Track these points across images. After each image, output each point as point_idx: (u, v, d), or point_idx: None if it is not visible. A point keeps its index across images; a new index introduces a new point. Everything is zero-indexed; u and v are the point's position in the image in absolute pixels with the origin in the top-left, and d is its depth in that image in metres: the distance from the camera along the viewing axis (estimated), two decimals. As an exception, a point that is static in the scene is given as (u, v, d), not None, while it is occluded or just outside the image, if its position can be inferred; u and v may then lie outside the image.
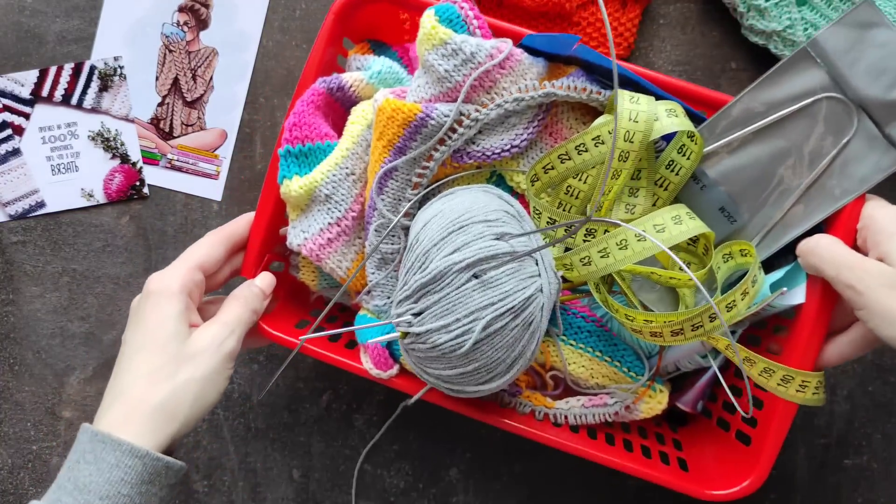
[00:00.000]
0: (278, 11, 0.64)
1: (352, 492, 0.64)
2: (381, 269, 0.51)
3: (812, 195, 0.47)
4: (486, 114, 0.47)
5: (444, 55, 0.46)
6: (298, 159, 0.49)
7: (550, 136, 0.51)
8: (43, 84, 0.64)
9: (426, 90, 0.48)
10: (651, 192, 0.48)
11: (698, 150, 0.47)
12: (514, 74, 0.47)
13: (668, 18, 0.62)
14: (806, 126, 0.46)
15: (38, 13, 0.64)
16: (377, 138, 0.48)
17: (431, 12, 0.46)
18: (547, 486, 0.64)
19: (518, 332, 0.42)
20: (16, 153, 0.64)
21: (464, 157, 0.49)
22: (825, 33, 0.45)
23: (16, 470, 0.65)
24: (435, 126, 0.47)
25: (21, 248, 0.65)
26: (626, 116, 0.43)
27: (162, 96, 0.64)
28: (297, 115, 0.48)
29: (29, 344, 0.65)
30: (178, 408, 0.43)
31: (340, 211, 0.50)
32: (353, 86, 0.51)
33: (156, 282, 0.46)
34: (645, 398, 0.52)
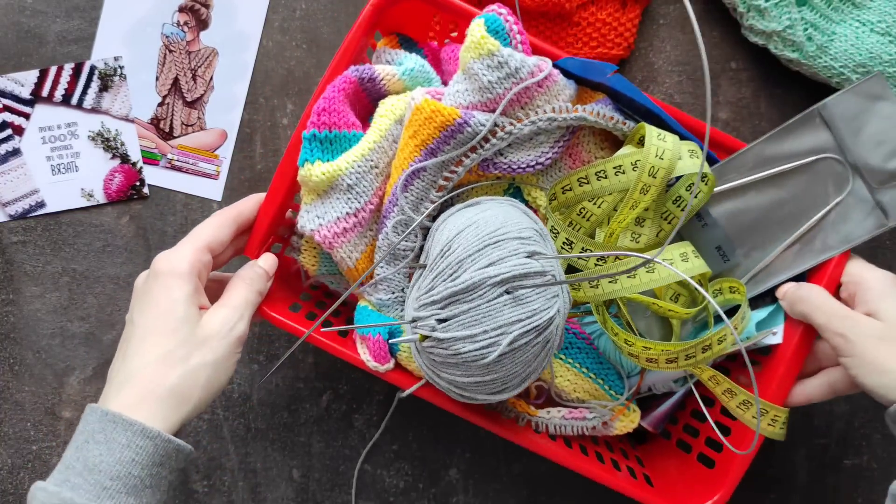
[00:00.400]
0: (278, 11, 0.64)
1: (351, 492, 0.64)
2: (390, 265, 0.51)
3: (801, 246, 0.51)
4: (520, 129, 0.48)
5: (489, 66, 0.46)
6: (323, 144, 0.48)
7: (570, 158, 0.52)
8: (43, 84, 0.64)
9: (465, 97, 0.48)
10: (657, 224, 0.50)
11: (708, 190, 0.49)
12: (549, 94, 0.48)
13: (668, 18, 0.62)
14: (806, 181, 0.50)
15: (38, 13, 0.64)
16: (410, 136, 0.48)
17: (481, 21, 0.47)
18: (546, 486, 0.64)
19: (537, 350, 0.44)
20: (16, 153, 0.64)
21: (490, 167, 0.50)
22: (836, 99, 0.49)
23: (16, 470, 0.65)
24: (470, 133, 0.48)
25: (21, 248, 0.65)
26: (654, 153, 0.45)
27: (162, 96, 0.64)
28: (326, 101, 0.48)
29: (29, 344, 0.65)
30: (191, 391, 0.43)
31: (360, 202, 0.49)
32: (385, 79, 0.51)
33: (164, 262, 0.45)
34: (620, 416, 0.54)
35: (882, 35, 0.55)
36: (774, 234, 0.51)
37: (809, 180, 0.50)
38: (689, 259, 0.48)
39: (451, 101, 0.49)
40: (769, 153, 0.50)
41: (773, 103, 0.62)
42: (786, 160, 0.50)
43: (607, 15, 0.60)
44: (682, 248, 0.48)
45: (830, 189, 0.50)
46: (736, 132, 0.62)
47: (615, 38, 0.60)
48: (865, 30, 0.56)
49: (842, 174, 0.49)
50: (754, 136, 0.62)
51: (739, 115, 0.62)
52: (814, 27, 0.56)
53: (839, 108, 0.49)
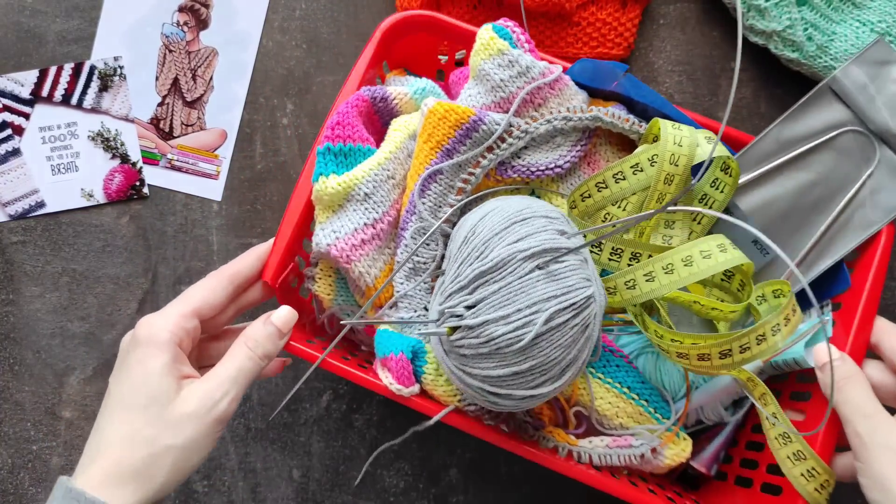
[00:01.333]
0: (278, 11, 0.64)
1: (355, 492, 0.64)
2: (410, 280, 0.49)
3: (840, 226, 0.48)
4: (536, 127, 0.48)
5: (500, 65, 0.47)
6: (337, 158, 0.48)
7: (588, 165, 0.52)
8: (43, 84, 0.64)
9: (478, 99, 0.48)
10: (687, 225, 0.48)
11: (732, 182, 0.47)
12: (562, 97, 0.49)
13: (668, 18, 0.62)
14: (831, 159, 0.48)
15: (38, 13, 0.64)
16: (425, 140, 0.48)
17: (489, 27, 0.47)
18: (547, 486, 0.64)
19: (576, 333, 0.41)
20: (16, 153, 0.64)
21: (508, 170, 0.49)
22: (844, 71, 0.47)
23: (16, 470, 0.65)
24: (485, 132, 0.47)
25: (21, 248, 0.65)
26: (671, 141, 0.44)
27: (162, 96, 0.64)
28: (340, 115, 0.48)
29: (29, 344, 0.65)
30: (155, 475, 0.40)
31: (378, 213, 0.48)
32: (397, 99, 0.51)
33: (145, 327, 0.43)
34: (670, 444, 0.49)
35: (882, 35, 0.55)
36: (810, 219, 0.49)
37: (835, 157, 0.48)
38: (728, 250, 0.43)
39: (465, 105, 0.49)
40: (787, 135, 0.48)
41: (773, 103, 0.62)
42: (805, 140, 0.48)
43: (607, 15, 0.60)
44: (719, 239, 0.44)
45: (858, 162, 0.47)
46: (736, 132, 0.62)
47: (615, 38, 0.60)
48: (865, 30, 0.56)
49: (866, 145, 0.47)
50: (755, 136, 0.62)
51: (739, 115, 0.62)
52: (814, 27, 0.56)
53: (849, 79, 0.47)
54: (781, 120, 0.49)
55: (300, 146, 0.64)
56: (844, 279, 0.49)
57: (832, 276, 0.49)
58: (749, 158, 0.49)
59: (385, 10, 0.63)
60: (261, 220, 0.64)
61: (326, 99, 0.64)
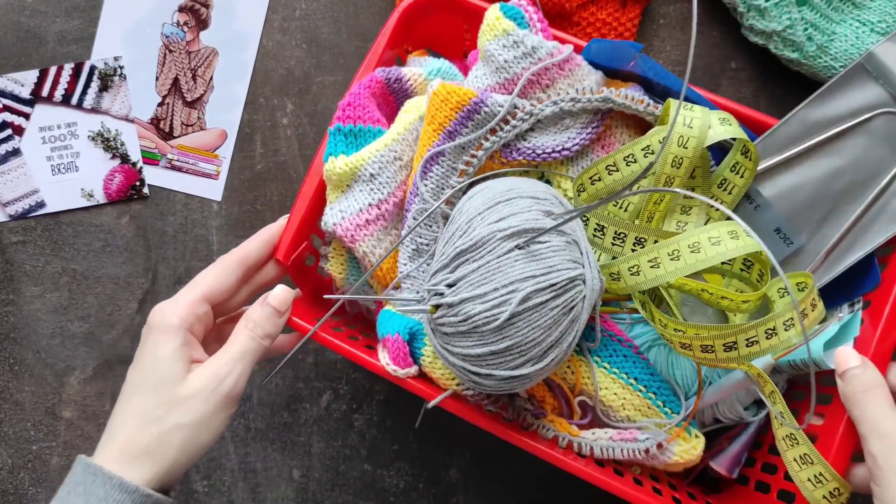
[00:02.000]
0: (278, 11, 0.64)
1: (355, 492, 0.64)
2: (413, 261, 0.49)
3: (872, 215, 0.44)
4: (542, 109, 0.46)
5: (504, 45, 0.46)
6: (347, 139, 0.48)
7: (602, 148, 0.50)
8: (43, 84, 0.64)
9: (483, 80, 0.48)
10: (704, 210, 0.46)
11: (752, 167, 0.45)
12: (573, 77, 0.47)
13: (668, 18, 0.62)
14: (863, 143, 0.44)
15: (38, 13, 0.64)
16: (428, 122, 0.47)
17: (496, 6, 0.46)
18: (547, 486, 0.64)
19: (558, 315, 0.39)
20: (16, 153, 0.64)
21: (513, 152, 0.48)
22: (881, 48, 0.44)
23: (16, 470, 0.65)
24: (488, 114, 0.46)
25: (21, 248, 0.65)
26: (680, 122, 0.42)
27: (162, 96, 0.64)
28: (352, 96, 0.48)
29: (29, 344, 0.65)
30: (166, 452, 0.42)
31: (383, 193, 0.48)
32: (411, 79, 0.50)
33: (157, 314, 0.44)
34: (679, 440, 0.47)
35: (882, 35, 0.55)
36: (840, 207, 0.45)
37: (867, 142, 0.44)
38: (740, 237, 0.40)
39: (470, 86, 0.48)
40: (815, 118, 0.45)
41: (773, 103, 0.62)
42: (835, 123, 0.44)
43: (607, 15, 0.60)
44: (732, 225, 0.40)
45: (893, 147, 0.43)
46: (736, 132, 0.62)
47: (615, 38, 0.60)
48: (865, 30, 0.56)
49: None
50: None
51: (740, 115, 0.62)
52: (814, 27, 0.56)
53: (886, 56, 0.43)
54: (809, 101, 0.45)
55: (300, 146, 0.64)
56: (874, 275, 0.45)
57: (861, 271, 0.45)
58: (773, 142, 0.46)
59: (385, 9, 0.63)
60: (261, 220, 0.64)
61: (326, 99, 0.64)
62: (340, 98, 0.64)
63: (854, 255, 0.45)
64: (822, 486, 0.41)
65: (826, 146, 0.45)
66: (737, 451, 0.49)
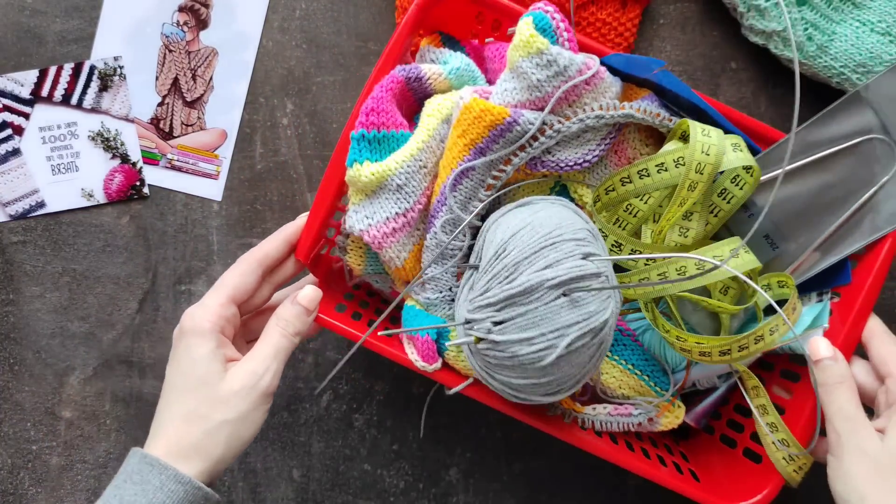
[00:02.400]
0: (278, 11, 0.64)
1: (354, 492, 0.64)
2: (438, 264, 0.51)
3: (849, 228, 0.50)
4: (569, 127, 0.48)
5: (538, 65, 0.46)
6: (371, 145, 0.48)
7: (616, 155, 0.52)
8: (43, 84, 0.64)
9: (513, 95, 0.48)
10: (704, 217, 0.50)
11: (753, 182, 0.49)
12: (596, 91, 0.48)
13: (668, 18, 0.62)
14: (852, 164, 0.49)
15: (38, 13, 0.64)
16: (459, 135, 0.48)
17: (530, 20, 0.47)
18: (547, 486, 0.64)
19: (592, 351, 0.44)
20: (16, 153, 0.64)
21: (538, 165, 0.50)
22: (881, 79, 0.48)
23: (16, 470, 0.65)
24: (519, 132, 0.48)
25: (21, 248, 0.65)
26: (699, 149, 0.45)
27: (162, 96, 0.64)
28: (375, 101, 0.48)
29: (29, 344, 0.65)
30: (213, 448, 0.44)
31: (409, 202, 0.49)
32: (431, 78, 0.51)
33: (189, 319, 0.46)
34: (666, 412, 0.54)
35: (882, 35, 0.55)
36: (822, 219, 0.50)
37: (855, 162, 0.49)
38: (740, 255, 0.48)
39: (500, 100, 0.49)
40: (813, 139, 0.49)
41: (773, 103, 0.62)
42: (830, 144, 0.49)
43: (607, 15, 0.60)
44: (732, 243, 0.48)
45: (877, 169, 0.49)
46: (736, 132, 0.62)
47: (615, 37, 0.60)
48: (865, 30, 0.56)
49: (888, 154, 0.48)
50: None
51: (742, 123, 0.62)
52: (814, 27, 0.56)
53: (884, 88, 0.48)
54: (810, 123, 0.49)
55: (300, 146, 0.64)
56: (846, 273, 0.51)
57: (835, 269, 0.51)
58: (773, 157, 0.50)
59: (385, 9, 0.63)
60: (261, 219, 0.64)
61: (326, 99, 0.64)
62: (340, 98, 0.64)
63: (828, 261, 0.50)
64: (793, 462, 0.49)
65: (820, 164, 0.50)
66: (706, 408, 0.57)
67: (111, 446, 0.65)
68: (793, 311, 0.48)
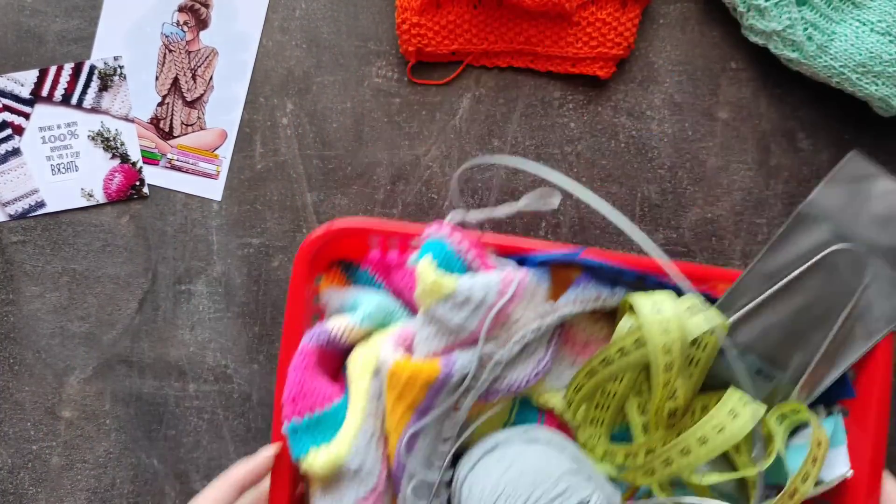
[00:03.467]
0: (278, 11, 0.64)
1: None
2: None
3: (841, 340, 0.48)
4: (510, 351, 0.45)
5: (453, 307, 0.43)
6: (309, 430, 0.45)
7: (568, 345, 0.49)
8: (43, 84, 0.64)
9: (438, 341, 0.45)
10: (686, 370, 0.47)
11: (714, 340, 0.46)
12: (525, 300, 0.45)
13: (668, 18, 0.62)
14: (822, 279, 0.47)
15: (38, 13, 0.64)
16: (396, 399, 0.45)
17: (428, 260, 0.43)
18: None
19: None
20: (16, 153, 0.64)
21: (490, 396, 0.46)
22: (820, 194, 0.47)
23: (16, 470, 0.65)
24: (458, 379, 0.44)
25: (21, 248, 0.65)
26: (657, 330, 0.42)
27: (162, 96, 0.64)
28: (294, 386, 0.45)
29: (29, 344, 0.65)
30: None
31: (371, 483, 0.46)
32: (345, 334, 0.47)
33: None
34: None
35: (882, 35, 0.55)
36: (811, 339, 0.48)
37: (826, 277, 0.47)
38: (739, 414, 0.43)
39: (425, 350, 0.45)
40: (771, 268, 0.48)
41: (773, 103, 0.62)
42: (791, 267, 0.48)
43: (607, 15, 0.60)
44: (729, 403, 0.44)
45: (849, 277, 0.47)
46: (736, 132, 0.62)
47: (615, 37, 0.60)
48: (866, 29, 0.56)
49: (856, 260, 0.47)
50: (754, 136, 0.62)
51: (739, 115, 0.62)
52: (814, 27, 0.56)
53: (827, 200, 0.47)
54: (763, 254, 0.48)
55: (300, 146, 0.64)
56: (848, 387, 0.49)
57: (836, 384, 0.49)
58: (735, 296, 0.49)
59: (385, 9, 0.63)
60: (261, 219, 0.64)
61: (326, 99, 0.64)
62: (340, 98, 0.64)
63: (829, 378, 0.48)
64: None
65: (789, 289, 0.48)
66: None
67: (111, 446, 0.65)
68: (818, 446, 0.44)
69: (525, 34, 0.60)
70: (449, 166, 0.63)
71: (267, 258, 0.64)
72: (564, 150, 0.63)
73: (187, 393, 0.64)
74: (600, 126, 0.63)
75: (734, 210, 0.62)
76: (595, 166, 0.63)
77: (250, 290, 0.64)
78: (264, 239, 0.64)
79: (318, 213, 0.64)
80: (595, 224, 0.62)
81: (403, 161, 0.63)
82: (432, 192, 0.63)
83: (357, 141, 0.64)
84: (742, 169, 0.62)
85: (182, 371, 0.64)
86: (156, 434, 0.64)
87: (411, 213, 0.63)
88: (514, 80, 0.63)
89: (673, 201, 0.62)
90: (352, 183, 0.64)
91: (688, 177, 0.62)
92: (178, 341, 0.64)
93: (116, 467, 0.64)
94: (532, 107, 0.63)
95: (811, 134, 0.62)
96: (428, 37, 0.60)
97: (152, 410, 0.64)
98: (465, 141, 0.63)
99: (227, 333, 0.64)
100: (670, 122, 0.62)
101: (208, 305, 0.64)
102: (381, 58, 0.63)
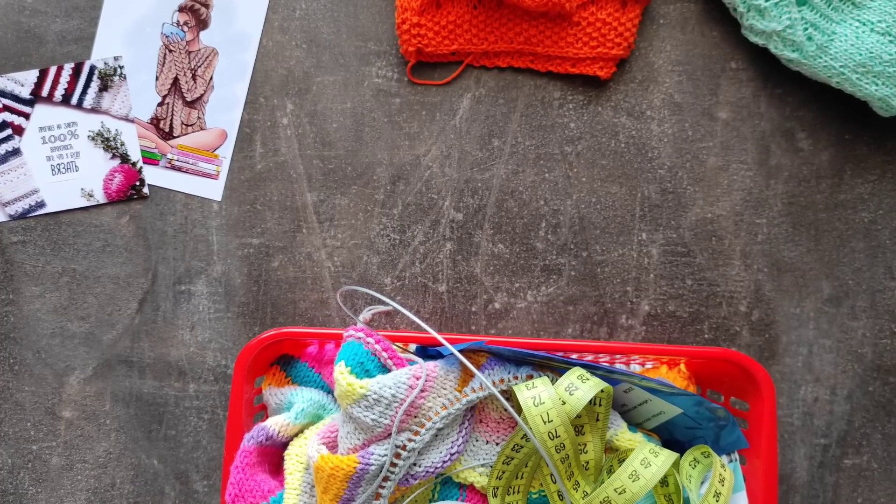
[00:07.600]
0: (278, 11, 0.64)
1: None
2: None
3: None
4: (422, 439, 0.48)
5: (366, 406, 0.47)
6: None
7: (482, 424, 0.52)
8: (43, 84, 0.64)
9: (356, 437, 0.49)
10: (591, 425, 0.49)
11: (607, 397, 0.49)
12: (435, 390, 0.49)
13: (668, 18, 0.62)
14: None
15: (38, 13, 0.64)
16: (322, 491, 0.49)
17: (342, 366, 0.48)
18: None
19: None
20: (16, 153, 0.64)
21: (409, 480, 0.50)
22: None
23: (16, 470, 0.65)
24: (376, 469, 0.48)
25: (21, 248, 0.65)
26: (539, 421, 0.45)
27: (162, 96, 0.64)
28: (237, 485, 0.50)
29: (29, 344, 0.65)
30: None
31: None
32: (281, 431, 0.52)
33: None
34: None
35: (882, 35, 0.55)
36: None
37: None
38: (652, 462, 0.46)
39: (347, 445, 0.49)
40: None
41: (773, 103, 0.62)
42: None
43: (607, 15, 0.60)
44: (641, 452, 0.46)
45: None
46: (736, 132, 0.62)
47: (615, 37, 0.60)
48: (866, 29, 0.56)
49: None
50: (754, 136, 0.62)
51: (739, 115, 0.62)
52: (814, 27, 0.56)
53: None
54: None
55: (300, 146, 0.64)
56: (740, 438, 0.52)
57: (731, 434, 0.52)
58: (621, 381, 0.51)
59: (385, 9, 0.63)
60: (260, 220, 0.64)
61: (326, 99, 0.64)
62: (340, 98, 0.64)
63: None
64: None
65: None
66: None
67: (111, 446, 0.65)
68: (721, 483, 0.47)
69: (525, 34, 0.60)
70: (449, 166, 0.63)
71: (267, 258, 0.64)
72: (564, 150, 0.63)
73: (187, 393, 0.64)
74: (600, 126, 0.63)
75: (734, 210, 0.62)
76: (595, 166, 0.63)
77: (250, 290, 0.64)
78: (264, 239, 0.64)
79: (318, 213, 0.64)
80: (595, 224, 0.63)
81: (403, 161, 0.63)
82: (432, 193, 0.63)
83: (357, 141, 0.64)
84: (742, 169, 0.62)
85: (182, 371, 0.64)
86: (156, 434, 0.64)
87: (411, 213, 0.63)
88: (514, 80, 0.63)
89: (673, 201, 0.62)
90: (352, 183, 0.64)
91: (688, 177, 0.62)
92: (178, 341, 0.64)
93: (116, 467, 0.64)
94: (532, 107, 0.63)
95: (811, 134, 0.62)
96: (428, 37, 0.60)
97: (152, 410, 0.64)
98: (465, 141, 0.63)
99: (227, 333, 0.64)
100: (670, 122, 0.62)
101: (208, 305, 0.64)
102: (381, 58, 0.63)
